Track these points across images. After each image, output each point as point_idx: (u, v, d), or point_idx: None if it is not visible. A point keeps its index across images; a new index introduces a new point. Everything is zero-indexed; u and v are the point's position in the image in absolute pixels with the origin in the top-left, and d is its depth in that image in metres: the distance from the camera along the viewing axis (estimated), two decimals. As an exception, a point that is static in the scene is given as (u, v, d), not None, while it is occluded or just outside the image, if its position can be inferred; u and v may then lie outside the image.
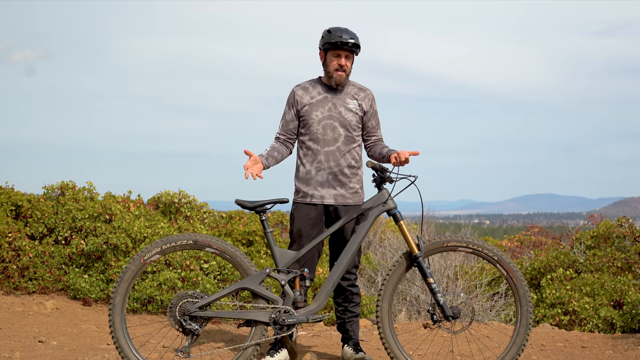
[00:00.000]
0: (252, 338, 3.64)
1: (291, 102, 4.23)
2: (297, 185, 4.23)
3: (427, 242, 3.82)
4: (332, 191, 4.16)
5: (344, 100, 4.20)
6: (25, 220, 6.51)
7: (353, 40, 4.06)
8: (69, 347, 4.69)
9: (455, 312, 3.74)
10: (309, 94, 4.21)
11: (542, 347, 5.00)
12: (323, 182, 4.15)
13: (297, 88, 4.25)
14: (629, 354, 4.77)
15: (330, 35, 4.08)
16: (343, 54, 4.11)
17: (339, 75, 4.14)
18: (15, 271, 6.13)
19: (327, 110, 4.17)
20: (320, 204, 4.16)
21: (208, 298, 3.64)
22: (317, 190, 4.15)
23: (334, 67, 4.12)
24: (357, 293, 4.29)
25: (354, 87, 4.26)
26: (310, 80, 4.28)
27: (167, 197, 6.91)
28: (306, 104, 4.19)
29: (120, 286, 3.66)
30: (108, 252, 6.21)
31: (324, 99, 4.19)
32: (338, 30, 4.07)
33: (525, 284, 3.79)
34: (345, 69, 4.13)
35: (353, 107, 4.20)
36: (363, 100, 4.24)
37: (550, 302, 6.30)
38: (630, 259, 6.53)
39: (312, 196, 4.16)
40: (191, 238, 3.70)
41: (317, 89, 4.22)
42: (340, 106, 4.18)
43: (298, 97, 4.21)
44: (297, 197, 4.21)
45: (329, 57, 4.14)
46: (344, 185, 4.18)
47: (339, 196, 4.17)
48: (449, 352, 4.63)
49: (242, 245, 6.77)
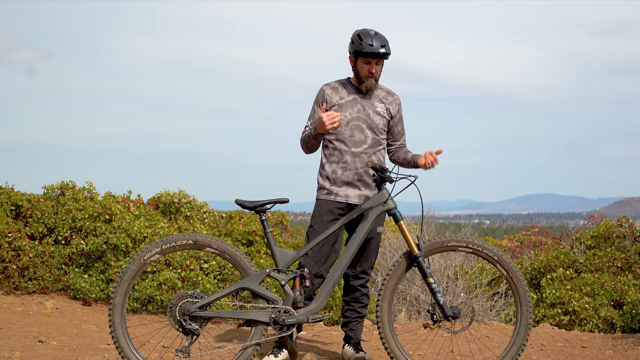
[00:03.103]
0: (252, 338, 3.64)
1: (320, 100, 4.23)
2: (321, 182, 4.23)
3: (427, 242, 3.82)
4: (357, 191, 4.16)
5: (373, 103, 4.20)
6: (25, 220, 6.51)
7: (384, 49, 4.04)
8: (69, 347, 4.69)
9: (455, 312, 3.74)
10: (339, 94, 4.21)
11: (542, 347, 5.00)
12: (348, 182, 4.16)
13: (327, 87, 4.24)
14: (629, 354, 4.77)
15: (361, 43, 4.03)
16: (374, 61, 4.10)
17: (370, 81, 4.14)
18: (15, 271, 6.13)
19: (356, 112, 4.17)
20: (344, 202, 4.17)
21: (208, 298, 3.64)
22: (342, 189, 4.16)
23: (365, 74, 4.12)
24: (366, 294, 4.29)
25: (382, 91, 4.26)
26: (339, 80, 4.28)
27: (167, 197, 6.91)
28: (335, 103, 4.19)
29: (120, 286, 3.66)
30: (108, 252, 6.21)
31: (353, 100, 4.19)
32: (368, 37, 4.03)
33: (525, 284, 3.79)
34: (376, 75, 4.14)
35: (381, 111, 4.21)
36: (391, 105, 4.25)
37: (550, 302, 6.30)
38: (630, 259, 6.53)
39: (337, 194, 4.16)
40: (191, 238, 3.70)
41: (346, 89, 4.22)
42: (368, 109, 4.19)
43: (327, 96, 4.21)
44: (321, 193, 4.21)
45: (360, 64, 4.12)
46: (368, 186, 4.18)
47: (364, 196, 4.17)
48: (449, 352, 4.63)
49: (242, 245, 6.77)
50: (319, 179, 4.26)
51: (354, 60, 4.16)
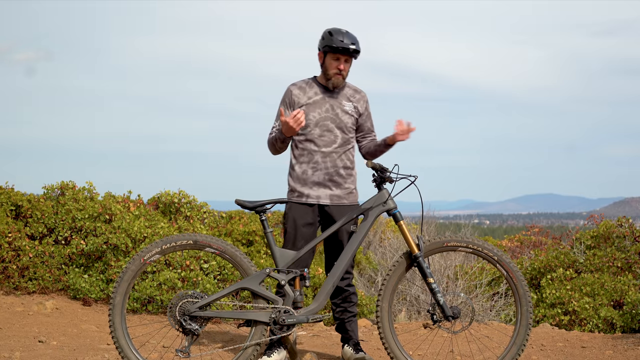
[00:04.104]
0: (252, 338, 3.64)
1: (288, 101, 4.22)
2: (291, 184, 4.22)
3: (427, 242, 3.82)
4: (327, 191, 4.16)
5: (341, 102, 4.21)
6: (25, 220, 6.51)
7: (354, 46, 4.07)
8: (69, 347, 4.69)
9: (455, 312, 3.74)
10: (306, 94, 4.20)
11: (542, 347, 5.00)
12: (319, 183, 4.15)
13: (294, 87, 4.23)
14: (629, 354, 4.77)
15: (331, 39, 4.07)
16: (343, 58, 4.11)
17: (337, 79, 4.15)
18: (15, 271, 6.13)
19: (325, 111, 4.18)
20: (316, 204, 4.16)
21: (208, 298, 3.64)
22: (313, 190, 4.15)
23: (333, 70, 4.13)
24: (354, 293, 4.29)
25: (349, 89, 4.27)
26: (306, 79, 4.28)
27: (167, 197, 6.91)
28: (303, 104, 4.18)
29: (120, 286, 3.66)
30: (108, 252, 6.21)
31: (321, 99, 4.19)
32: (339, 34, 4.06)
33: (525, 284, 3.79)
34: (344, 72, 4.15)
35: (349, 109, 4.22)
36: (358, 103, 4.26)
37: (550, 302, 6.30)
38: (630, 259, 6.53)
39: (308, 196, 4.15)
40: (191, 238, 3.70)
41: (313, 89, 4.22)
42: (337, 108, 4.19)
43: (295, 96, 4.20)
44: (293, 196, 4.19)
45: (328, 60, 4.14)
46: (339, 186, 4.18)
47: (335, 196, 4.17)
48: (449, 352, 4.63)
49: (242, 245, 6.77)
50: (289, 181, 4.24)
51: (322, 56, 4.17)
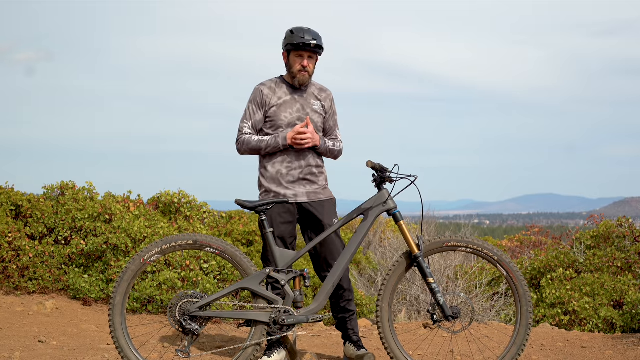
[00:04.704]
0: (252, 338, 3.64)
1: (259, 101, 4.21)
2: (265, 185, 4.20)
3: (427, 242, 3.82)
4: (303, 189, 4.18)
5: (310, 102, 4.23)
6: (25, 220, 6.51)
7: (315, 41, 4.07)
8: (69, 347, 4.69)
9: (455, 312, 3.74)
10: (276, 94, 4.21)
11: (542, 347, 5.00)
12: (294, 181, 4.17)
13: (263, 87, 4.24)
14: (629, 354, 4.77)
15: (292, 36, 4.08)
16: (306, 55, 4.12)
17: (302, 76, 4.16)
18: (15, 271, 6.13)
19: (296, 111, 4.19)
20: (294, 202, 4.17)
21: (208, 298, 3.64)
22: (289, 189, 4.16)
23: (297, 68, 4.14)
24: (351, 290, 4.30)
25: (315, 87, 4.29)
26: (273, 79, 4.29)
27: (167, 197, 6.91)
28: (274, 104, 4.19)
29: (120, 286, 3.66)
30: (108, 252, 6.21)
31: (291, 99, 4.21)
32: (301, 31, 4.07)
33: (525, 284, 3.79)
34: (308, 69, 4.15)
35: (318, 109, 4.25)
36: (325, 101, 4.29)
37: (550, 302, 6.30)
38: (630, 259, 6.53)
39: (285, 195, 4.16)
40: (191, 238, 3.70)
41: (282, 89, 4.23)
42: (307, 107, 4.22)
43: (266, 97, 4.20)
44: (269, 197, 4.18)
45: (292, 58, 4.15)
46: (313, 183, 4.21)
47: (312, 193, 4.20)
48: (449, 352, 4.63)
49: (242, 245, 6.77)
50: (261, 181, 4.23)
51: (287, 55, 4.18)
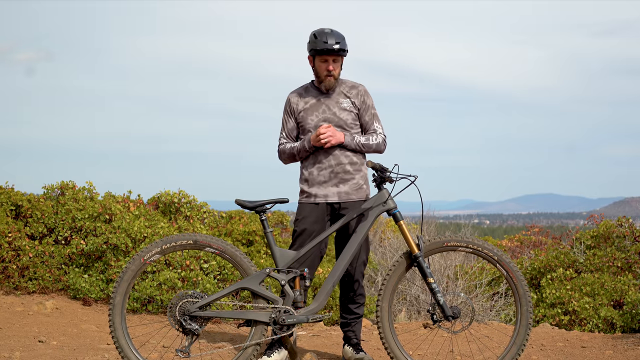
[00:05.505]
0: (252, 338, 3.65)
1: (288, 110, 4.27)
2: (301, 186, 4.26)
3: (427, 242, 3.83)
4: (335, 189, 4.17)
5: (337, 100, 4.21)
6: (25, 220, 6.51)
7: (339, 44, 4.06)
8: (69, 347, 4.69)
9: (455, 312, 3.74)
10: (303, 99, 4.24)
11: (542, 347, 5.00)
12: (325, 181, 4.16)
13: (292, 95, 4.28)
14: (629, 354, 4.77)
15: (316, 42, 4.08)
16: (330, 59, 4.11)
17: (329, 81, 4.16)
18: (15, 271, 6.13)
19: (321, 112, 4.19)
20: (323, 202, 4.17)
21: (208, 298, 3.64)
22: (320, 189, 4.17)
23: (324, 73, 4.14)
24: (362, 294, 4.29)
25: (346, 86, 4.27)
26: (304, 85, 4.31)
27: (167, 197, 6.91)
28: (301, 110, 4.22)
29: (120, 286, 3.66)
30: (108, 252, 6.21)
31: (317, 102, 4.21)
32: (323, 35, 4.06)
33: (525, 284, 3.79)
34: (334, 73, 4.15)
35: (347, 106, 4.22)
36: (355, 97, 4.26)
37: (550, 302, 6.30)
38: (630, 259, 6.53)
39: (316, 195, 4.17)
40: (191, 238, 3.70)
41: (310, 93, 4.25)
42: (333, 107, 4.20)
43: (294, 104, 4.24)
44: (302, 197, 4.24)
45: (317, 63, 4.15)
46: (346, 182, 4.18)
47: (343, 193, 4.18)
48: (449, 352, 4.63)
49: (242, 245, 6.77)
50: (300, 185, 4.29)
51: (312, 60, 4.18)
